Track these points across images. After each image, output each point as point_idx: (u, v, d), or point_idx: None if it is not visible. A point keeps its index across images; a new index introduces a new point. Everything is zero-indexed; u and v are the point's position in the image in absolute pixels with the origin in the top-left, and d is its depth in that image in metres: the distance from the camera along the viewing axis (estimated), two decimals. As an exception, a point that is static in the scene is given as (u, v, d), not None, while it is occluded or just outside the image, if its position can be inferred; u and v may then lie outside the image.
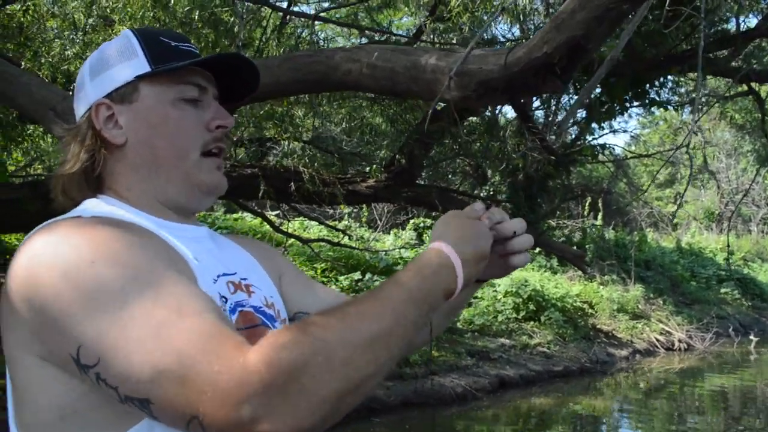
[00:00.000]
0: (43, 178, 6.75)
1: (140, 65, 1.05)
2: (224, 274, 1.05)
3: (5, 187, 5.68)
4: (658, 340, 13.57)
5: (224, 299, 1.01)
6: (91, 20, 4.73)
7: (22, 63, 4.44)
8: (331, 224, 11.57)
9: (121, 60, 1.06)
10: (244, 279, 1.09)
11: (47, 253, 0.87)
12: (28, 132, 5.76)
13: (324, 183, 5.79)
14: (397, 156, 5.85)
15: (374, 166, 6.73)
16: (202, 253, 1.03)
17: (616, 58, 1.11)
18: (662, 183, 26.22)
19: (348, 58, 1.55)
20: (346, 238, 10.97)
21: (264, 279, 1.16)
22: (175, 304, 0.82)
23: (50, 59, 4.18)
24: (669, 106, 9.06)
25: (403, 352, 0.92)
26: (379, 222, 13.37)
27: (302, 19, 5.24)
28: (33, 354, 0.88)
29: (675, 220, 23.98)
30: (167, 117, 1.05)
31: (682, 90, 13.90)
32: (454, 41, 6.11)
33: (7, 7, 4.86)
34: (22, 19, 4.94)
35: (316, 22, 6.40)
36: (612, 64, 1.16)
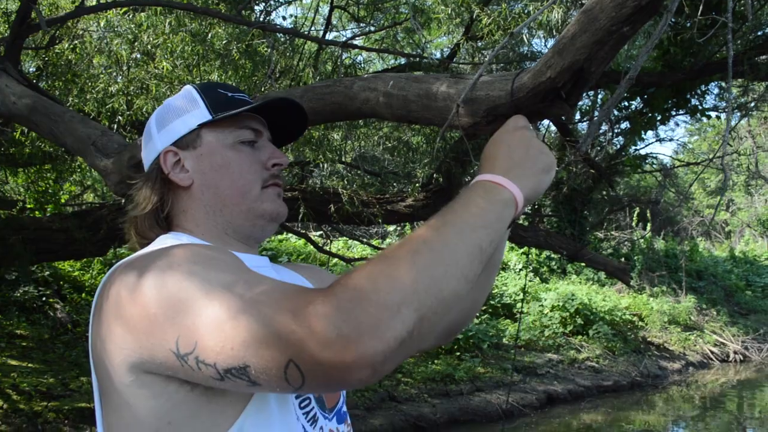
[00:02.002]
0: (91, 206, 6.99)
1: (202, 114, 1.18)
2: None
3: (57, 217, 5.90)
4: (712, 351, 13.21)
5: None
6: (134, 55, 4.92)
7: (69, 99, 4.64)
8: (374, 243, 11.63)
9: (184, 111, 1.19)
10: None
11: (142, 274, 0.96)
12: (77, 164, 5.99)
13: (363, 204, 5.86)
14: (435, 175, 5.88)
15: (415, 185, 6.77)
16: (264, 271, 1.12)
17: (634, 78, 1.13)
18: (713, 191, 25.56)
19: (365, 87, 1.60)
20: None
21: None
22: (250, 280, 0.91)
23: (95, 95, 4.37)
24: (712, 114, 8.86)
25: (475, 265, 0.91)
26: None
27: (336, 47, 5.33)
28: (132, 365, 0.95)
29: (728, 228, 23.33)
30: (228, 159, 1.16)
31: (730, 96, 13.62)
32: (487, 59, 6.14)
33: (56, 46, 5.08)
34: (70, 56, 5.17)
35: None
36: (630, 83, 1.18)
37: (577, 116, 13.51)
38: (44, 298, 8.52)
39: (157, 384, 0.95)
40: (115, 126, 4.66)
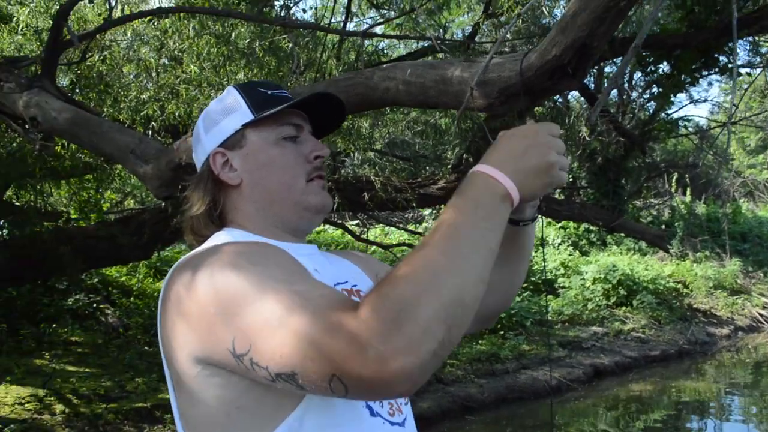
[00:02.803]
0: (132, 212, 7.19)
1: (244, 115, 1.23)
2: (338, 283, 1.22)
3: (101, 225, 6.10)
4: (761, 314, 12.97)
5: None
6: (162, 61, 5.04)
7: (104, 109, 4.79)
8: (410, 228, 11.68)
9: (228, 113, 1.24)
10: (355, 285, 1.26)
11: (201, 273, 1.03)
12: (117, 172, 6.17)
13: (396, 189, 5.92)
14: (464, 155, 5.91)
15: (446, 167, 6.80)
16: (318, 265, 1.20)
17: (640, 46, 1.16)
18: (754, 149, 24.94)
19: (385, 76, 1.66)
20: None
21: (369, 283, 1.31)
22: (302, 289, 0.96)
23: (128, 104, 4.50)
24: (742, 71, 8.66)
25: (488, 266, 0.97)
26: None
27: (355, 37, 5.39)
28: (197, 358, 1.03)
29: (771, 187, 22.76)
30: (272, 156, 1.22)
31: (764, 50, 13.26)
32: (509, 36, 6.12)
33: (87, 58, 5.24)
34: (101, 68, 5.32)
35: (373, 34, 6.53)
36: (636, 51, 1.21)
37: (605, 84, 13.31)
38: (95, 305, 8.78)
39: (222, 374, 1.02)
40: (150, 132, 4.80)
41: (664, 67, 7.05)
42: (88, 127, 3.12)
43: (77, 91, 5.40)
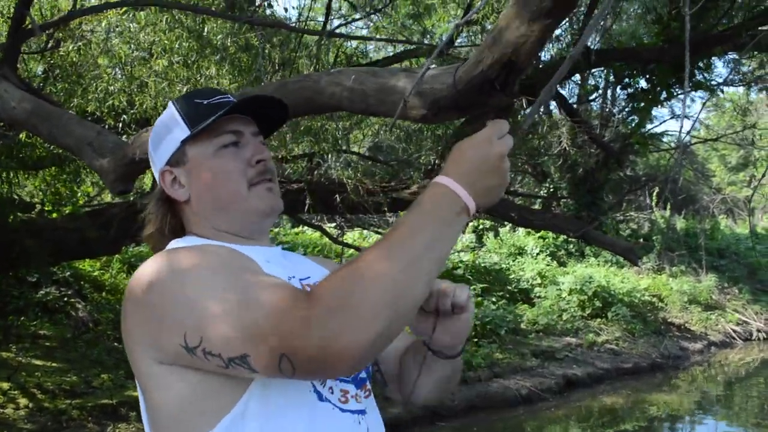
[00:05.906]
0: (103, 206, 7.11)
1: (182, 131, 1.26)
2: (291, 277, 1.23)
3: (71, 218, 6.02)
4: (734, 330, 13.07)
5: None
6: (135, 54, 5.00)
7: (74, 100, 4.73)
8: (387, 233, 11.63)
9: (169, 130, 1.28)
10: (308, 278, 1.27)
11: (152, 276, 1.10)
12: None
13: (368, 192, 5.90)
14: (437, 161, 5.90)
15: (418, 171, 6.79)
16: (270, 257, 1.24)
17: (576, 57, 1.16)
18: (734, 167, 25.17)
19: (331, 81, 1.66)
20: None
21: None
22: (251, 278, 1.05)
23: (97, 95, 4.46)
24: (719, 88, 8.75)
25: (436, 272, 1.01)
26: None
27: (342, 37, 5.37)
28: (153, 360, 1.10)
29: (751, 205, 22.99)
30: (213, 169, 1.25)
31: (745, 69, 13.38)
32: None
33: (60, 48, 5.18)
34: (74, 58, 5.26)
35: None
36: (572, 62, 1.20)
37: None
38: (66, 299, 8.68)
39: (175, 372, 1.09)
40: (120, 125, 4.75)
41: (642, 83, 7.11)
42: (47, 118, 3.08)
43: (50, 80, 5.33)
